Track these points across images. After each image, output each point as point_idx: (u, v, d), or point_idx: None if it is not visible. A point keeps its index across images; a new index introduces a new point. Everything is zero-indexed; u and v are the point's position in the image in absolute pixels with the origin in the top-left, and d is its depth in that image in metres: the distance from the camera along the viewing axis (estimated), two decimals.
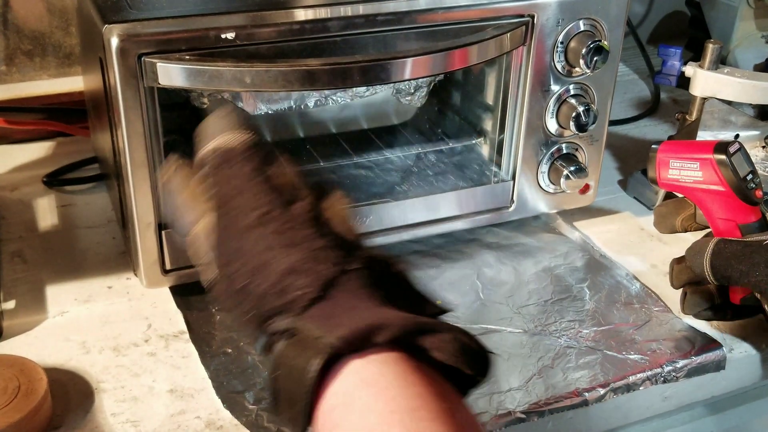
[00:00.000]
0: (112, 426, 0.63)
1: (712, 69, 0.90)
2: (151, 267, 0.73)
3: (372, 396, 0.39)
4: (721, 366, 0.72)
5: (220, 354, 0.70)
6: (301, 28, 0.68)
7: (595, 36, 0.78)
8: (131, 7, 0.69)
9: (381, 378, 0.40)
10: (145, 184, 0.69)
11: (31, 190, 0.94)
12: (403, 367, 0.40)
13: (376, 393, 0.39)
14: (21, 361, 0.64)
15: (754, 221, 0.72)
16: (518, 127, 0.82)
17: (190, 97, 0.79)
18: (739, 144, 0.74)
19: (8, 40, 1.04)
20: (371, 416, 0.38)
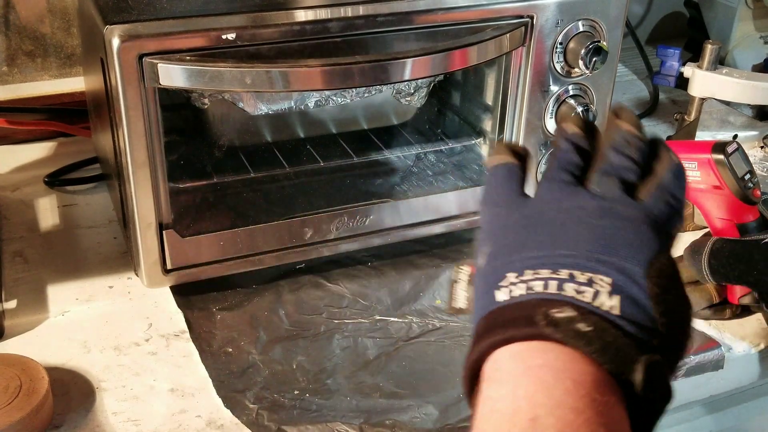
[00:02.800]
0: (113, 425, 0.63)
1: (710, 69, 0.90)
2: (152, 267, 0.73)
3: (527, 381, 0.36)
4: (719, 365, 0.73)
5: (221, 353, 0.71)
6: (301, 29, 0.68)
7: (594, 37, 0.78)
8: (132, 7, 0.69)
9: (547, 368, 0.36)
10: (146, 184, 0.69)
11: (32, 190, 0.94)
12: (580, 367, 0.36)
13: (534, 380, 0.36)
14: (22, 360, 0.65)
15: (752, 221, 0.73)
16: (518, 127, 0.82)
17: (190, 97, 0.80)
18: (737, 144, 0.74)
19: (10, 40, 1.04)
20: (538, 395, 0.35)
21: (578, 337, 0.36)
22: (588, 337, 0.36)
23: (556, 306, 0.37)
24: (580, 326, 0.37)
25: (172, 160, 0.80)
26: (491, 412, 0.36)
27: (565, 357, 0.36)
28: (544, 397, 0.35)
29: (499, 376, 0.37)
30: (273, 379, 0.68)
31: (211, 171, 0.84)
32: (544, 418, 0.34)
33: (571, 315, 0.37)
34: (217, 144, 0.86)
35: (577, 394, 0.35)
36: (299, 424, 0.64)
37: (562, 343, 0.36)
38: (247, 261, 0.77)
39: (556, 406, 0.35)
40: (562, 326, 0.36)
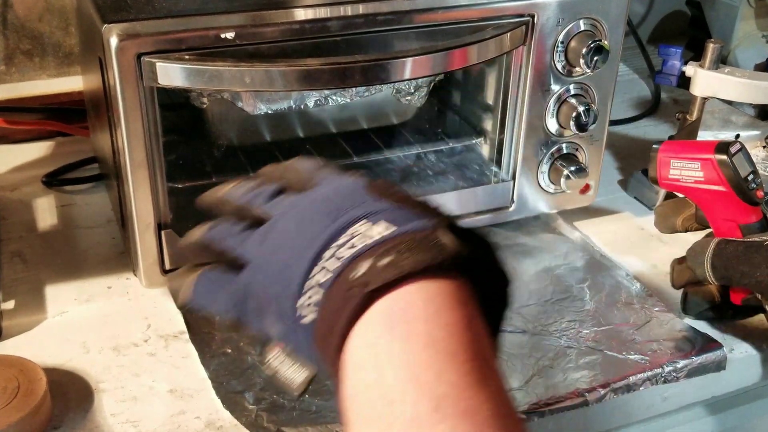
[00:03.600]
0: (112, 426, 0.63)
1: (712, 69, 0.90)
2: (150, 267, 0.73)
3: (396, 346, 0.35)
4: (721, 366, 0.72)
5: (220, 354, 0.70)
6: (300, 28, 0.68)
7: (596, 36, 0.78)
8: (131, 6, 0.68)
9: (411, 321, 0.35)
10: (144, 184, 0.69)
11: (30, 190, 0.94)
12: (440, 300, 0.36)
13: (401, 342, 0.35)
14: (20, 361, 0.64)
15: (755, 221, 0.72)
16: (518, 127, 0.82)
17: (189, 97, 0.79)
18: (741, 144, 0.73)
19: (8, 39, 1.04)
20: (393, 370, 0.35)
21: (390, 270, 0.36)
22: (396, 263, 0.36)
23: (351, 270, 0.37)
24: (382, 262, 0.36)
25: (171, 160, 0.79)
26: (353, 411, 0.36)
27: (392, 310, 0.36)
28: (390, 372, 0.34)
29: (348, 373, 0.36)
30: (272, 380, 0.67)
31: (210, 171, 0.84)
32: (398, 395, 0.34)
33: (369, 263, 0.37)
34: (216, 144, 0.86)
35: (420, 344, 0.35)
36: (299, 426, 0.63)
37: (386, 290, 0.36)
38: None
39: (406, 376, 0.34)
40: (372, 277, 0.36)
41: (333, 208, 0.41)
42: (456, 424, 0.32)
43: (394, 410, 0.33)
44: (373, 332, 0.36)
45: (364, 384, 0.35)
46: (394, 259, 0.36)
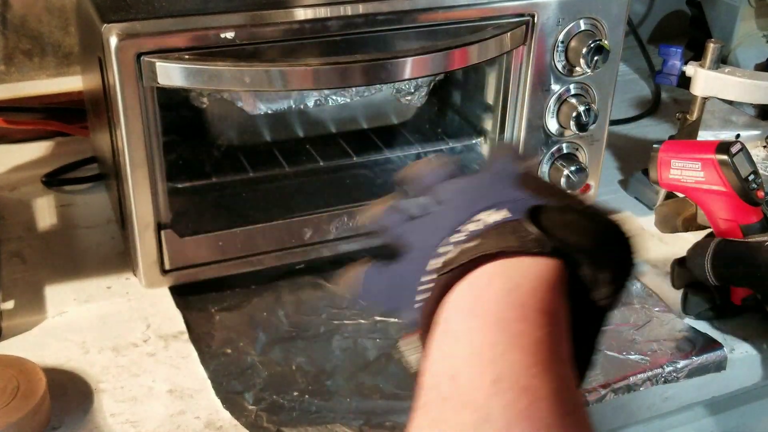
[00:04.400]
0: (112, 426, 0.62)
1: (712, 68, 0.90)
2: (150, 267, 0.73)
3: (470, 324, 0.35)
4: (721, 366, 0.72)
5: (220, 354, 0.70)
6: (300, 28, 0.68)
7: (596, 35, 0.78)
8: (130, 6, 0.68)
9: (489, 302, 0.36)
10: (144, 184, 0.69)
11: (30, 190, 0.94)
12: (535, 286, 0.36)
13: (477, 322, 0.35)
14: (20, 361, 0.64)
15: (756, 222, 0.72)
16: (518, 126, 0.82)
17: (189, 96, 0.79)
18: (741, 144, 0.73)
19: (7, 39, 1.04)
20: (459, 347, 0.35)
21: (469, 251, 0.37)
22: (478, 246, 0.37)
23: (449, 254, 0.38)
24: (467, 247, 0.37)
25: (171, 160, 0.79)
26: (420, 387, 0.36)
27: (469, 290, 0.36)
28: (457, 349, 0.35)
29: (426, 353, 0.37)
30: (272, 380, 0.68)
31: (209, 171, 0.84)
32: (461, 369, 0.34)
33: (460, 248, 0.38)
34: (215, 143, 0.86)
35: (488, 323, 0.35)
36: (299, 426, 0.63)
37: (463, 276, 0.37)
38: (246, 261, 0.77)
39: (470, 351, 0.34)
40: (454, 260, 0.37)
41: (477, 193, 0.41)
42: (513, 398, 0.32)
43: (455, 384, 0.34)
44: (451, 310, 0.36)
45: (435, 360, 0.36)
46: (477, 244, 0.37)
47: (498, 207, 0.39)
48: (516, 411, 0.32)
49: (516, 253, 0.36)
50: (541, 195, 0.40)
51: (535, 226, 0.37)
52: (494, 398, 0.32)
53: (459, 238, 0.39)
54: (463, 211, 0.41)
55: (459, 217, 0.40)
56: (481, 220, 0.39)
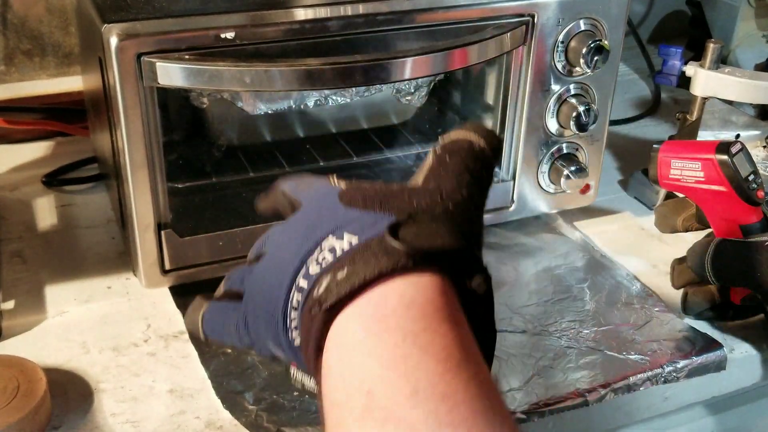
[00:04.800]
0: (112, 426, 0.62)
1: (712, 69, 0.90)
2: (150, 267, 0.73)
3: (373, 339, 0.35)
4: (721, 366, 0.72)
5: (220, 354, 0.70)
6: (300, 28, 0.68)
7: (596, 35, 0.78)
8: (131, 6, 0.68)
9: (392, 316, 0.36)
10: (144, 184, 0.69)
11: (30, 190, 0.94)
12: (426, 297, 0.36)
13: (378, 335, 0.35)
14: (20, 361, 0.64)
15: (756, 222, 0.72)
16: (518, 126, 0.82)
17: (189, 96, 0.79)
18: (741, 144, 0.73)
19: (7, 39, 1.04)
20: (369, 362, 0.35)
21: (343, 284, 0.36)
22: (350, 275, 0.36)
23: (314, 289, 0.38)
24: (338, 277, 0.37)
25: (171, 160, 0.80)
26: (329, 408, 0.36)
27: (364, 310, 0.36)
28: (369, 364, 0.35)
29: (324, 374, 0.37)
30: (272, 380, 0.68)
31: (210, 171, 0.84)
32: (377, 384, 0.34)
33: (328, 280, 0.37)
34: (216, 144, 0.86)
35: (395, 337, 0.35)
36: (299, 426, 0.63)
37: (344, 304, 0.36)
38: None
39: (385, 366, 0.34)
40: (328, 294, 0.37)
41: (308, 225, 0.42)
42: (434, 407, 0.33)
43: (372, 400, 0.34)
44: (345, 335, 0.36)
45: (341, 381, 0.35)
46: (349, 272, 0.37)
47: (338, 231, 0.39)
48: (439, 418, 0.32)
49: (394, 272, 0.36)
50: (370, 206, 0.40)
51: (396, 240, 0.37)
52: (415, 409, 0.33)
53: (315, 270, 0.39)
54: (303, 243, 0.40)
55: (301, 249, 0.40)
56: (329, 248, 0.39)
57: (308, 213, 0.43)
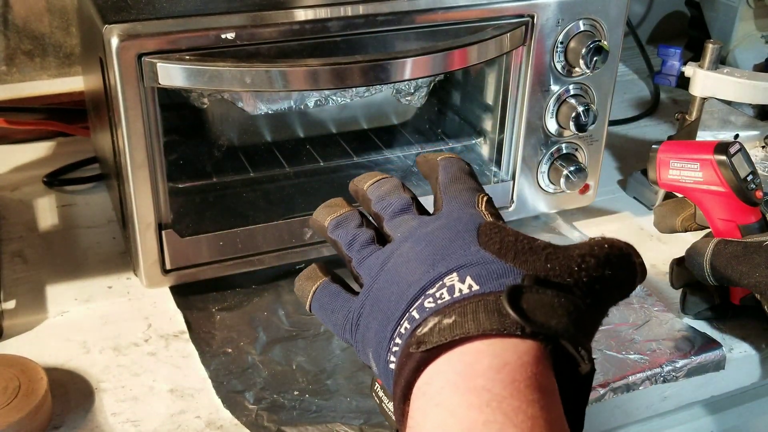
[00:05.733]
0: (113, 426, 0.63)
1: (711, 69, 0.90)
2: (151, 267, 0.73)
3: (458, 397, 0.34)
4: (720, 366, 0.72)
5: (220, 354, 0.70)
6: (301, 28, 0.68)
7: (595, 36, 0.78)
8: (131, 7, 0.69)
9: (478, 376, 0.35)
10: (145, 184, 0.69)
11: (31, 190, 0.94)
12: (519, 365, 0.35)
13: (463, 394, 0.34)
14: (21, 360, 0.64)
15: (754, 222, 0.72)
16: (518, 127, 0.82)
17: (190, 97, 0.79)
18: (740, 144, 0.73)
19: (8, 40, 1.04)
20: (450, 422, 0.34)
21: (446, 332, 0.36)
22: (455, 325, 0.36)
23: (420, 328, 0.37)
24: (444, 323, 0.36)
25: (172, 160, 0.80)
26: None
27: (456, 365, 0.36)
28: (450, 424, 0.34)
29: (410, 424, 0.36)
30: (273, 380, 0.68)
31: (210, 171, 0.84)
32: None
33: (435, 322, 0.37)
34: (216, 144, 0.86)
35: (481, 400, 0.34)
36: (299, 425, 0.63)
37: (442, 352, 0.36)
38: (246, 261, 0.77)
39: (465, 430, 0.33)
40: (429, 337, 0.36)
41: (437, 250, 0.41)
42: None
43: None
44: (435, 384, 0.36)
45: (426, 430, 0.35)
46: (455, 321, 0.36)
47: (460, 272, 0.38)
48: None
49: (498, 335, 0.36)
50: (503, 255, 0.39)
51: (512, 307, 0.36)
52: None
53: (430, 306, 0.38)
54: (428, 269, 0.40)
55: (424, 276, 0.40)
56: (446, 286, 0.38)
57: (445, 232, 0.42)
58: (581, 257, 0.39)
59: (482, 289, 0.37)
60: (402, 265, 0.42)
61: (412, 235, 0.44)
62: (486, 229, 0.41)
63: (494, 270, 0.38)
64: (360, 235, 0.47)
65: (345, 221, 0.48)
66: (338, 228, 0.48)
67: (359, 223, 0.48)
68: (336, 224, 0.49)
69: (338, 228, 0.48)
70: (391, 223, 0.46)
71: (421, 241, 0.43)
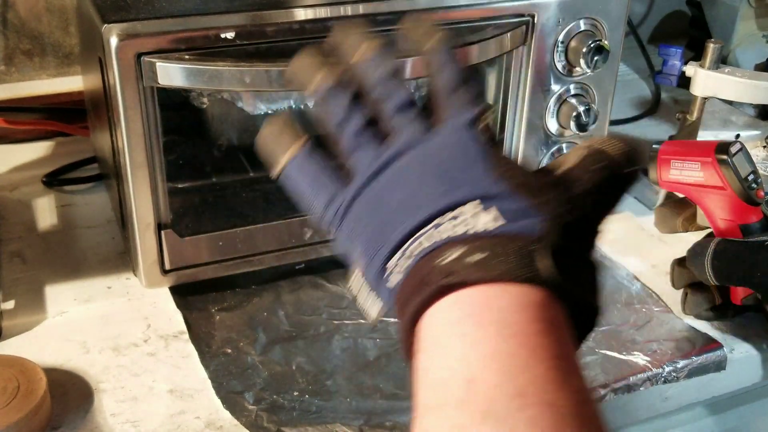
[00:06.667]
0: (112, 426, 0.62)
1: (712, 69, 0.90)
2: (150, 267, 0.73)
3: (465, 341, 0.34)
4: (721, 366, 0.72)
5: (220, 354, 0.70)
6: (300, 28, 0.68)
7: (596, 35, 0.78)
8: (131, 6, 0.68)
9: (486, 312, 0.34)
10: (144, 184, 0.69)
11: (30, 190, 0.94)
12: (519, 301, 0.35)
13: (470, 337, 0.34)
14: (20, 361, 0.64)
15: (756, 222, 0.72)
16: (518, 126, 0.82)
17: (189, 96, 0.79)
18: (741, 144, 0.73)
19: (8, 39, 1.04)
20: (473, 353, 0.34)
21: (475, 269, 0.35)
22: (484, 264, 0.35)
23: (442, 252, 0.36)
24: (471, 259, 0.35)
25: (171, 160, 0.79)
26: (427, 384, 0.35)
27: (479, 297, 0.35)
28: (474, 352, 0.34)
29: (425, 346, 0.36)
30: (272, 380, 0.68)
31: (210, 171, 0.84)
32: (480, 374, 0.33)
33: (459, 253, 0.36)
34: (216, 144, 0.86)
35: (505, 333, 0.34)
36: (299, 426, 0.63)
37: (467, 284, 0.35)
38: (246, 261, 0.77)
39: (490, 358, 0.33)
40: (455, 269, 0.35)
41: (451, 174, 0.39)
42: (538, 413, 0.32)
43: (473, 389, 0.33)
44: (458, 313, 0.35)
45: (444, 360, 0.34)
46: (483, 261, 0.35)
47: (484, 203, 0.37)
48: (541, 427, 0.31)
49: (528, 282, 0.35)
50: (523, 192, 0.38)
51: (551, 269, 0.36)
52: (518, 412, 0.32)
53: (448, 232, 0.37)
54: (436, 191, 0.39)
55: (438, 200, 0.38)
56: (467, 216, 0.37)
57: (457, 151, 0.40)
58: (592, 195, 0.39)
59: (509, 227, 0.36)
60: (412, 174, 0.40)
61: (419, 143, 0.41)
62: (502, 160, 0.40)
63: (518, 208, 0.37)
64: (354, 116, 0.43)
65: (338, 92, 0.43)
66: (330, 97, 0.43)
67: (353, 97, 0.43)
68: (327, 91, 0.44)
69: (330, 97, 0.43)
70: (393, 120, 0.42)
71: (430, 157, 0.40)
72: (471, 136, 0.41)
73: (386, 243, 0.39)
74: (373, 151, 0.42)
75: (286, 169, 0.44)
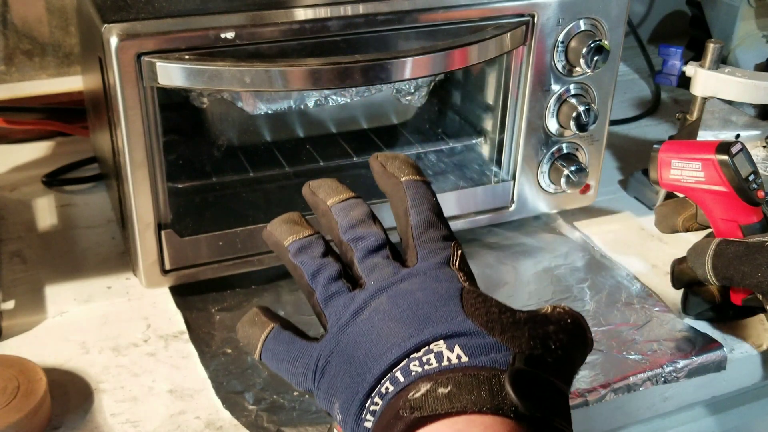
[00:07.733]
0: (112, 426, 0.62)
1: (712, 69, 0.90)
2: (150, 267, 0.73)
3: None
4: (721, 366, 0.72)
5: (220, 354, 0.70)
6: (301, 28, 0.68)
7: (596, 35, 0.78)
8: (131, 6, 0.68)
9: None
10: (144, 184, 0.69)
11: (30, 190, 0.94)
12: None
13: None
14: (20, 361, 0.64)
15: (756, 222, 0.72)
16: (518, 126, 0.82)
17: (189, 96, 0.79)
18: (741, 144, 0.73)
19: (8, 39, 1.04)
20: None
21: (443, 402, 0.36)
22: (451, 396, 0.36)
23: (412, 389, 0.37)
24: (439, 392, 0.36)
25: (171, 160, 0.80)
26: None
27: (447, 431, 0.36)
28: None
29: None
30: (272, 381, 0.68)
31: (210, 171, 0.84)
32: None
33: (427, 388, 0.37)
34: (216, 143, 0.86)
35: None
36: (299, 426, 0.63)
37: (438, 418, 0.36)
38: (246, 261, 0.77)
39: None
40: (424, 403, 0.36)
41: (423, 314, 0.40)
42: None
43: None
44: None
45: None
46: (451, 392, 0.36)
47: (450, 341, 0.39)
48: None
49: (493, 413, 0.36)
50: (490, 330, 0.39)
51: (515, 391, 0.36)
52: None
53: (416, 370, 0.38)
54: (412, 334, 0.40)
55: (407, 340, 0.39)
56: (433, 352, 0.38)
57: (428, 294, 0.41)
58: (555, 334, 0.40)
59: (471, 361, 0.38)
60: (381, 321, 0.41)
61: (389, 288, 0.42)
62: (470, 298, 0.41)
63: (483, 344, 0.39)
64: (326, 267, 0.44)
65: (309, 246, 0.45)
66: (301, 253, 0.45)
67: (324, 251, 0.45)
68: (299, 248, 0.45)
69: (301, 253, 0.45)
70: (363, 265, 0.44)
71: (401, 299, 0.42)
72: (444, 275, 0.42)
73: (359, 392, 0.40)
74: (344, 300, 0.43)
75: (263, 355, 0.45)
